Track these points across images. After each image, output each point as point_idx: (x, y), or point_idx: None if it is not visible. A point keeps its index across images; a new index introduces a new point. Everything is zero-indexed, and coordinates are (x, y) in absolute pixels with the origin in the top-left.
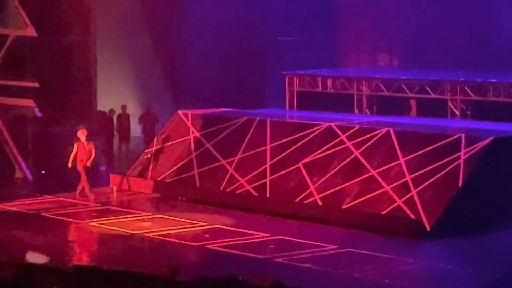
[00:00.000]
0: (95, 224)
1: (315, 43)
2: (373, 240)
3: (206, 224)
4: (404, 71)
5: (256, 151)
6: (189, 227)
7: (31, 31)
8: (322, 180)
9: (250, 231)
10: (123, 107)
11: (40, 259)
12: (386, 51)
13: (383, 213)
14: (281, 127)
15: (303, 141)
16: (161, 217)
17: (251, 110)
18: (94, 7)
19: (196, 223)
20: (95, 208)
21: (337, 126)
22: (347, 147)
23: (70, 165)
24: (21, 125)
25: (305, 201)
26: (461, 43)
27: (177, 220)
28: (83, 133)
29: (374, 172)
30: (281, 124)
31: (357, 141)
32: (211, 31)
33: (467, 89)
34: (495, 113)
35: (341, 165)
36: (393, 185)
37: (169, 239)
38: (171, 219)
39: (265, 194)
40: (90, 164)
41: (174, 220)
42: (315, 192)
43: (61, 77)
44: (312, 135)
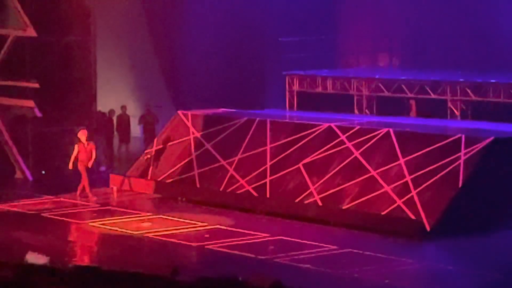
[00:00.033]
0: (95, 225)
1: (315, 44)
2: (373, 240)
3: (206, 224)
4: (404, 71)
5: (256, 151)
6: (189, 228)
7: (31, 32)
8: (322, 180)
9: (250, 232)
10: (123, 107)
11: (40, 259)
12: (386, 52)
13: (383, 213)
14: (281, 127)
15: (303, 142)
16: (161, 217)
17: (251, 110)
18: (94, 7)
19: (196, 224)
20: (95, 209)
21: (337, 126)
22: (347, 147)
23: (71, 166)
24: (21, 126)
25: (305, 202)
26: (461, 43)
27: (177, 220)
28: (84, 133)
29: (374, 173)
30: (281, 124)
31: (357, 141)
32: (211, 32)
33: (467, 89)
34: (495, 113)
35: (341, 165)
36: (393, 185)
37: (169, 240)
38: (171, 219)
39: (265, 195)
40: (91, 165)
41: (174, 220)
42: (315, 193)
43: (61, 77)
44: (312, 135)
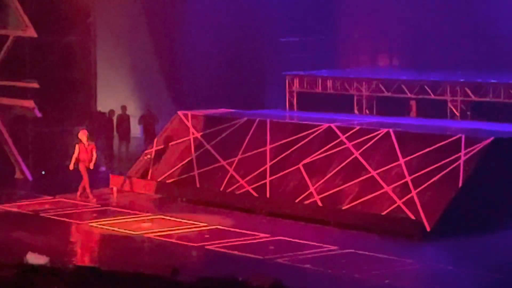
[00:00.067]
0: (95, 225)
1: (315, 44)
2: (373, 240)
3: (206, 224)
4: (404, 71)
5: (256, 151)
6: (189, 228)
7: (31, 32)
8: (322, 181)
9: (250, 232)
10: (123, 107)
11: (40, 259)
12: (386, 52)
13: (383, 213)
14: (281, 127)
15: (303, 142)
16: (161, 217)
17: (251, 110)
18: (94, 7)
19: (196, 224)
20: (95, 209)
21: (337, 127)
22: (347, 148)
23: (72, 167)
24: (21, 126)
25: (305, 202)
26: (461, 43)
27: (177, 220)
28: (84, 133)
29: (374, 173)
30: (281, 125)
31: (357, 141)
32: (211, 32)
33: (467, 89)
34: (495, 113)
35: (341, 166)
36: (393, 185)
37: (169, 240)
38: (171, 219)
39: (265, 195)
40: (92, 166)
41: (174, 220)
42: (315, 193)
43: (61, 77)
44: (312, 135)
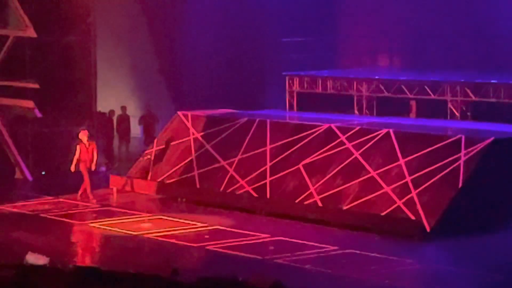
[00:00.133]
0: (95, 225)
1: (315, 44)
2: (373, 241)
3: (206, 225)
4: (404, 72)
5: (256, 152)
6: (189, 228)
7: (31, 32)
8: (322, 181)
9: (250, 232)
10: (123, 108)
11: (40, 260)
12: (386, 52)
13: (383, 214)
14: (281, 128)
15: (303, 142)
16: (161, 218)
17: (251, 111)
18: (94, 7)
19: (196, 224)
20: (95, 209)
21: (337, 127)
22: (347, 148)
23: (74, 168)
24: (21, 126)
25: (305, 202)
26: (461, 43)
27: (177, 221)
28: (85, 134)
29: (374, 173)
30: (281, 125)
31: (357, 142)
32: (211, 32)
33: (467, 90)
34: (495, 114)
35: (341, 166)
36: (393, 186)
37: (169, 240)
38: (171, 220)
39: (265, 195)
40: (94, 167)
41: (174, 221)
42: (315, 193)
43: (61, 77)
44: (312, 136)
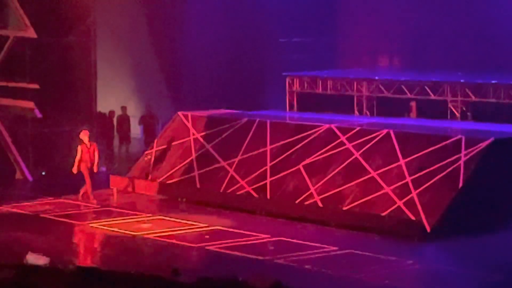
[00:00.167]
0: (95, 226)
1: (315, 45)
2: (373, 241)
3: (206, 225)
4: (404, 72)
5: (256, 152)
6: (189, 229)
7: (31, 32)
8: (322, 181)
9: (250, 233)
10: (123, 108)
11: (40, 260)
12: (386, 52)
13: (383, 214)
14: (281, 128)
15: (303, 143)
16: (161, 218)
17: (251, 111)
18: (94, 8)
19: (196, 225)
20: (95, 210)
21: (337, 127)
22: (347, 148)
23: (76, 170)
24: (21, 126)
25: (306, 203)
26: (461, 44)
27: (177, 221)
28: (86, 134)
29: (374, 174)
30: (281, 125)
31: (357, 142)
32: (211, 33)
33: (467, 90)
34: (495, 114)
35: (341, 166)
36: (394, 186)
37: (169, 240)
38: (171, 220)
39: (266, 196)
40: (96, 168)
41: (174, 221)
42: (315, 194)
43: (61, 78)
44: (312, 136)
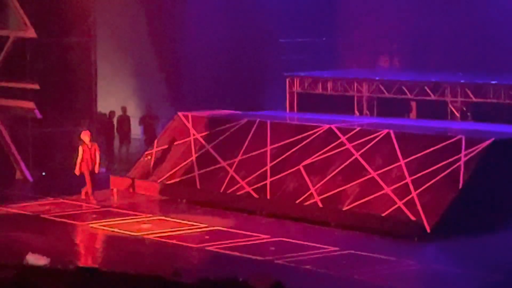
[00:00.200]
0: (95, 226)
1: (315, 45)
2: (373, 242)
3: (206, 225)
4: (405, 72)
5: (256, 153)
6: (190, 229)
7: (31, 33)
8: (322, 182)
9: (250, 233)
10: (124, 108)
11: (41, 260)
12: (387, 53)
13: (383, 215)
14: (282, 129)
15: (303, 143)
16: (162, 219)
17: (252, 111)
18: (94, 8)
19: (197, 225)
20: (95, 210)
21: (337, 128)
22: (347, 149)
23: (78, 171)
24: (21, 127)
25: (306, 203)
26: (461, 44)
27: (177, 221)
28: (87, 134)
29: (374, 174)
30: (282, 126)
31: (357, 143)
32: (211, 33)
33: (467, 90)
34: (495, 115)
35: (342, 167)
36: (394, 186)
37: (170, 241)
38: (171, 221)
39: (266, 196)
40: (97, 169)
41: (175, 221)
42: (315, 194)
43: (61, 78)
44: (313, 137)
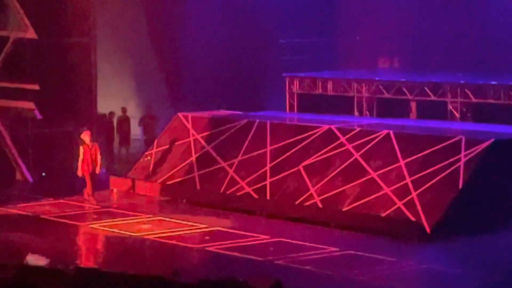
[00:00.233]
0: (95, 227)
1: (315, 45)
2: (373, 242)
3: (206, 226)
4: (404, 73)
5: (256, 153)
6: (190, 229)
7: (31, 33)
8: (322, 182)
9: (250, 233)
10: (123, 109)
11: (41, 261)
12: (386, 53)
13: (383, 215)
14: (281, 129)
15: (303, 144)
16: (162, 219)
17: (251, 112)
18: (94, 8)
19: (197, 225)
20: (95, 211)
21: (337, 128)
22: (347, 149)
23: (80, 173)
24: (21, 127)
25: (305, 204)
26: (461, 45)
27: (177, 222)
28: (88, 134)
29: (374, 174)
30: (281, 126)
31: (357, 143)
32: (211, 33)
33: (467, 91)
34: (495, 115)
35: (341, 167)
36: (393, 187)
37: (170, 241)
38: (171, 221)
39: (265, 196)
40: (98, 170)
41: (175, 222)
42: (315, 194)
43: (61, 79)
44: (312, 137)
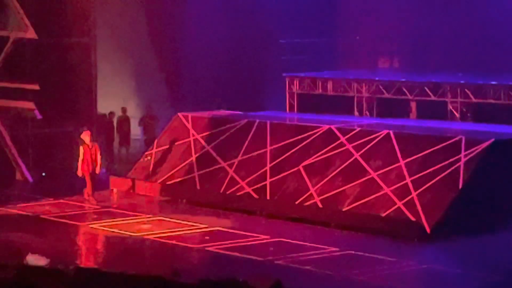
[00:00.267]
0: (95, 227)
1: (315, 45)
2: (373, 242)
3: (206, 226)
4: (404, 73)
5: (256, 153)
6: (190, 229)
7: (31, 33)
8: (322, 182)
9: (250, 233)
10: (123, 109)
11: (41, 261)
12: (386, 53)
13: (383, 215)
14: (281, 129)
15: (303, 144)
16: (162, 219)
17: (251, 112)
18: (94, 8)
19: (197, 225)
20: (95, 211)
21: (337, 128)
22: (347, 149)
23: (80, 173)
24: (21, 127)
25: (305, 204)
26: (461, 45)
27: (177, 222)
28: (88, 134)
29: (374, 175)
30: (281, 126)
31: (357, 143)
32: (211, 33)
33: (467, 91)
34: (495, 115)
35: (341, 167)
36: (393, 187)
37: (170, 242)
38: (171, 221)
39: (265, 196)
40: (98, 170)
41: (175, 222)
42: (315, 195)
43: (61, 79)
44: (312, 137)
